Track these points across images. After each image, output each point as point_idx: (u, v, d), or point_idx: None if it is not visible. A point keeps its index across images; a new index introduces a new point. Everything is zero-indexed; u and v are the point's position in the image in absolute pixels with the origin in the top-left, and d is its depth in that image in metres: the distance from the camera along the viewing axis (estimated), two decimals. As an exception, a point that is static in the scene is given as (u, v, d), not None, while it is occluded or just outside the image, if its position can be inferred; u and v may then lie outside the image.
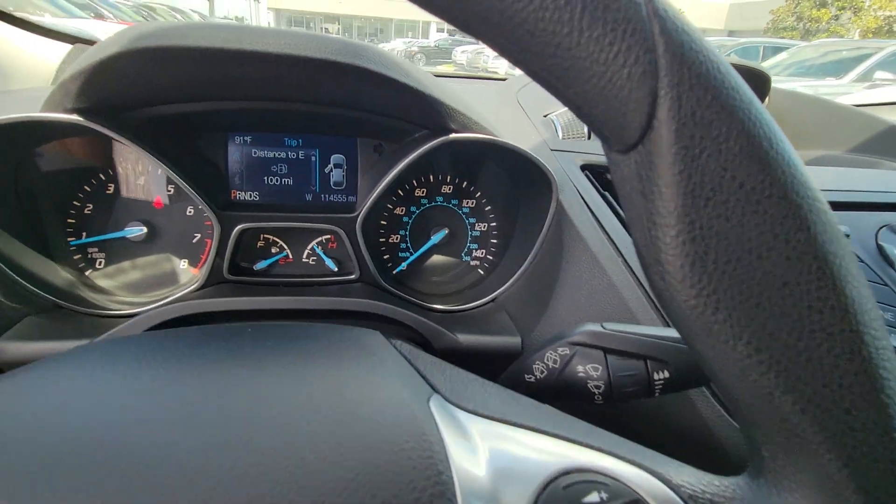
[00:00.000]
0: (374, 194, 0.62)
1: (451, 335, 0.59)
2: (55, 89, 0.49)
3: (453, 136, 0.57)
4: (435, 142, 0.57)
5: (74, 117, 0.51)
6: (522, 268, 0.65)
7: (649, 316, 0.51)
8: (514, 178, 0.69)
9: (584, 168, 0.64)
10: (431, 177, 0.73)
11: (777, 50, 8.61)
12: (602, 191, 0.62)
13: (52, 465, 0.21)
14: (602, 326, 0.39)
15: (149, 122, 0.58)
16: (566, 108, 0.76)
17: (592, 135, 0.71)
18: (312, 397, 0.27)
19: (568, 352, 0.39)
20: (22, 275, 0.56)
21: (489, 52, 13.51)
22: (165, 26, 0.42)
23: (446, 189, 0.75)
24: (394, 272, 0.75)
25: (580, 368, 0.38)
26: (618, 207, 0.60)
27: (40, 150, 0.61)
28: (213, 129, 0.65)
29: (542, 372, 0.40)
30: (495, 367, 0.61)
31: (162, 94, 0.54)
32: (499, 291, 0.68)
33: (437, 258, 0.77)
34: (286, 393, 0.27)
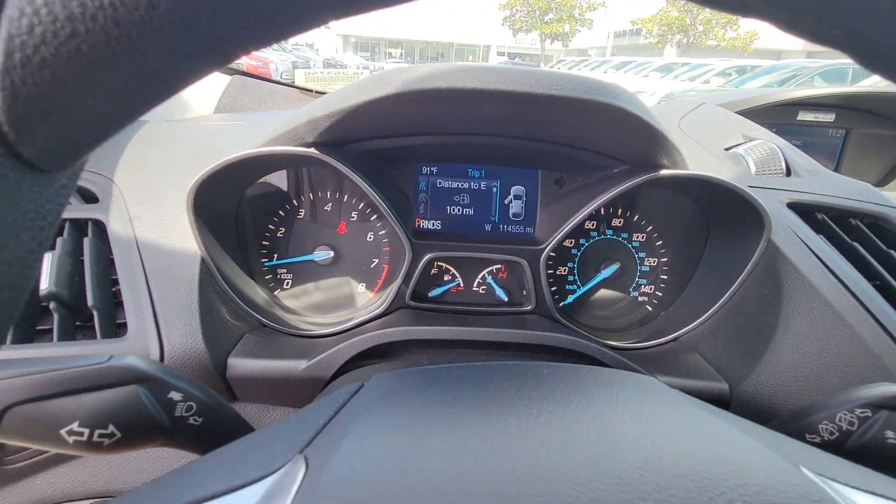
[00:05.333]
0: (568, 227, 0.62)
1: (650, 377, 0.56)
2: (301, 125, 0.52)
3: (664, 172, 0.56)
4: (643, 178, 0.56)
5: (312, 150, 0.54)
6: (715, 307, 0.62)
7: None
8: (706, 214, 0.66)
9: (791, 206, 0.61)
10: (603, 209, 0.72)
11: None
12: (814, 234, 0.58)
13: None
14: None
15: (360, 155, 0.61)
16: (755, 142, 0.73)
17: (791, 171, 0.67)
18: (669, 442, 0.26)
19: (870, 415, 0.36)
20: (237, 294, 0.60)
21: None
22: (432, 69, 0.44)
23: (617, 222, 0.73)
24: (560, 304, 0.73)
25: (890, 435, 0.35)
26: (833, 252, 0.56)
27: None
28: (406, 159, 0.67)
29: (831, 434, 0.37)
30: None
31: (385, 130, 0.56)
32: (684, 331, 0.65)
33: (603, 292, 0.75)
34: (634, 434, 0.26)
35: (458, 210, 0.70)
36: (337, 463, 0.24)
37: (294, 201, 0.70)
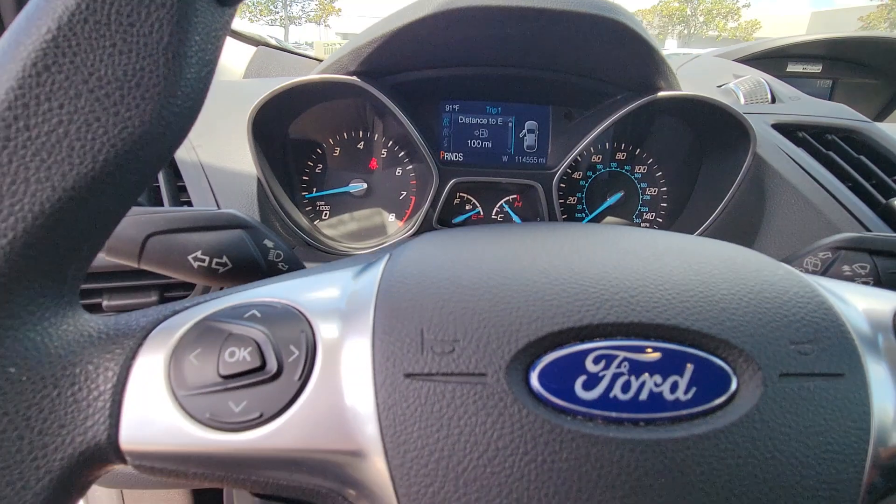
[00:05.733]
0: (577, 149, 0.70)
1: None
2: (346, 55, 0.60)
3: (661, 94, 0.64)
4: (643, 100, 0.64)
5: (354, 78, 0.62)
6: (709, 221, 0.70)
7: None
8: (700, 138, 0.74)
9: (775, 127, 0.69)
10: (608, 144, 0.80)
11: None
12: (796, 147, 0.66)
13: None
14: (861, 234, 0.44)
15: (393, 88, 0.69)
16: (744, 77, 0.80)
17: (776, 98, 0.75)
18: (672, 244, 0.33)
19: (830, 255, 0.44)
20: (286, 215, 0.68)
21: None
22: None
23: (620, 156, 0.81)
24: (570, 231, 0.81)
25: (846, 268, 0.43)
26: (812, 160, 0.64)
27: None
28: (432, 97, 0.76)
29: (800, 277, 0.45)
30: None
31: (418, 59, 0.64)
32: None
33: (609, 220, 0.83)
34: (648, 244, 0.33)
35: (478, 143, 0.77)
36: (414, 251, 0.32)
37: (330, 140, 0.78)
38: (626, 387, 0.25)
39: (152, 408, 0.24)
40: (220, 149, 0.66)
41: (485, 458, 0.23)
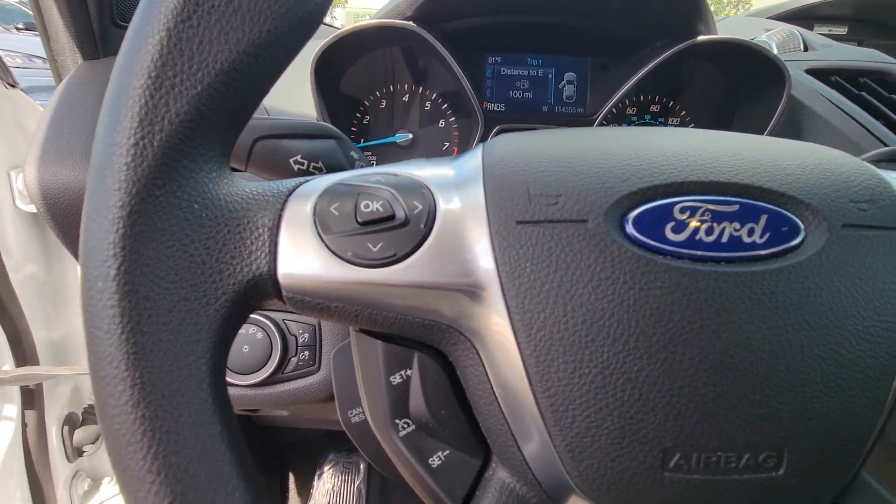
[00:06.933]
0: (615, 97, 0.73)
1: None
2: (400, 1, 0.64)
3: (700, 38, 0.67)
4: (684, 43, 0.67)
5: (410, 23, 0.65)
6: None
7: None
8: (734, 86, 0.77)
9: (808, 72, 0.72)
10: (642, 96, 0.83)
11: None
12: (830, 89, 0.69)
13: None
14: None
15: (442, 37, 0.72)
16: (775, 29, 0.83)
17: (808, 47, 0.78)
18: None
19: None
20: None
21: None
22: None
23: (654, 108, 0.84)
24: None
25: (886, 179, 0.46)
26: (846, 100, 0.67)
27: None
28: (475, 49, 0.79)
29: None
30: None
31: (465, 4, 0.68)
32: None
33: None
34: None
35: (520, 94, 0.81)
36: (507, 136, 0.36)
37: (377, 92, 0.82)
38: (709, 231, 0.28)
39: (303, 248, 0.29)
40: (282, 96, 0.70)
41: (589, 287, 0.27)
